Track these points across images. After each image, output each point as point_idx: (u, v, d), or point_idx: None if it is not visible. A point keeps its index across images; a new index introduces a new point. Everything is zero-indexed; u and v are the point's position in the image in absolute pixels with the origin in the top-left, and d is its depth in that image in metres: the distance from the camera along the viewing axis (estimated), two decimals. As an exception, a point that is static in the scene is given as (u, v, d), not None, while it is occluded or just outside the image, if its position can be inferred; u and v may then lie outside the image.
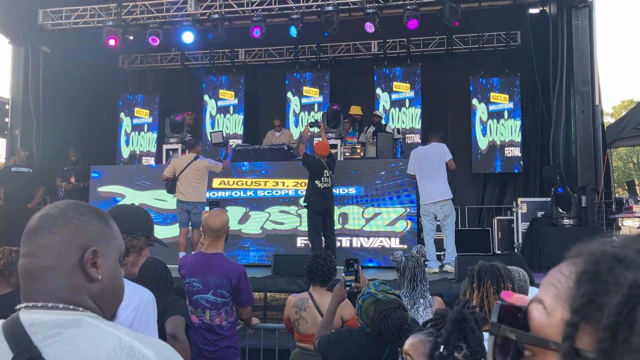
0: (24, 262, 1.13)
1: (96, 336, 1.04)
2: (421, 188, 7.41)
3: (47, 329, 1.03)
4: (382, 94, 11.74)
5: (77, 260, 1.12)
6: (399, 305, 2.57)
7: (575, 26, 8.53)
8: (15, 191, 8.63)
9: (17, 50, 10.44)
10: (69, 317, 1.06)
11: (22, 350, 0.99)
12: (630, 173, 30.28)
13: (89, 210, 1.20)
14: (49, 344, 1.00)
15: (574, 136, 8.50)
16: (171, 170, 7.58)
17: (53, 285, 1.10)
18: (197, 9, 10.02)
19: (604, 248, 0.57)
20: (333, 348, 2.76)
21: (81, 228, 1.15)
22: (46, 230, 1.12)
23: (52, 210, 1.16)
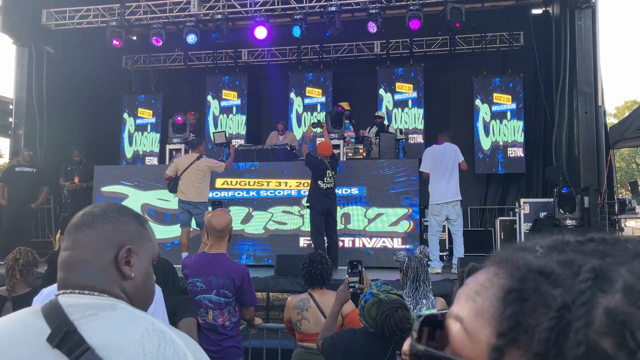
0: (64, 254, 1.21)
1: (130, 319, 1.11)
2: (435, 187, 7.38)
3: (84, 309, 1.10)
4: (384, 95, 11.74)
5: (112, 257, 1.20)
6: (401, 305, 2.59)
7: (578, 27, 8.53)
8: (19, 191, 8.65)
9: (20, 51, 10.48)
10: (105, 301, 1.14)
11: (59, 325, 1.06)
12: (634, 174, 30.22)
13: (127, 212, 1.29)
14: (85, 322, 1.07)
15: (577, 137, 8.50)
16: (173, 170, 7.58)
17: (89, 277, 1.18)
18: (200, 10, 10.05)
19: (529, 260, 0.51)
20: (336, 348, 2.78)
21: (118, 227, 1.23)
22: (86, 226, 1.21)
23: (95, 209, 1.26)
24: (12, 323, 1.12)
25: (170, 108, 11.72)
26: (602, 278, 0.46)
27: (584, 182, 8.16)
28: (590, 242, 0.52)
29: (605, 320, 0.44)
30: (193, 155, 7.68)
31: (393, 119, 11.59)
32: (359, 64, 12.41)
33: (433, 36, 11.65)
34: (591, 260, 0.49)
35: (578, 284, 0.46)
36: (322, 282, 3.75)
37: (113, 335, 1.05)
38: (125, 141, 12.64)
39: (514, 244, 0.57)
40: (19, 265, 3.63)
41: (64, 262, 1.21)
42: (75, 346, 1.03)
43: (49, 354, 1.03)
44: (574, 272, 0.48)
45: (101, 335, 1.05)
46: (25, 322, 1.10)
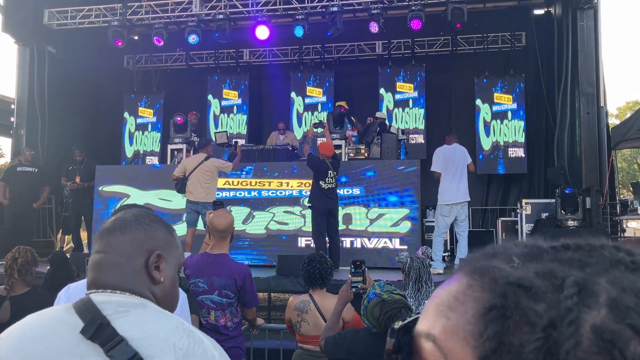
0: (96, 257, 1.26)
1: (161, 317, 1.17)
2: (446, 188, 7.36)
3: (117, 306, 1.15)
4: (385, 95, 11.73)
5: (143, 262, 1.25)
6: (404, 305, 2.59)
7: (580, 27, 8.52)
8: (20, 191, 8.65)
9: (22, 50, 10.49)
10: (136, 300, 1.20)
11: (93, 318, 1.10)
12: (635, 174, 30.17)
13: (157, 219, 1.34)
14: (118, 317, 1.12)
15: (579, 137, 8.49)
16: (181, 170, 7.60)
17: (121, 278, 1.22)
18: (202, 9, 10.05)
19: (506, 272, 0.47)
20: (339, 348, 2.78)
21: (150, 233, 1.28)
22: (119, 231, 1.26)
23: (127, 214, 1.30)
24: (45, 318, 1.17)
25: (171, 108, 11.71)
26: (585, 292, 0.44)
27: (585, 182, 8.16)
28: (566, 249, 0.49)
29: (594, 339, 0.41)
30: (201, 156, 7.68)
31: (394, 119, 11.58)
32: (361, 64, 12.40)
33: (435, 36, 11.65)
34: (571, 271, 0.46)
35: (564, 300, 0.43)
36: (321, 282, 3.75)
37: (145, 330, 1.10)
38: (125, 141, 12.64)
39: (484, 250, 0.53)
40: (17, 265, 3.63)
41: (95, 264, 1.25)
42: (109, 337, 1.07)
43: (82, 345, 1.07)
44: (555, 285, 0.45)
45: (133, 330, 1.09)
46: (58, 318, 1.15)
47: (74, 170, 9.14)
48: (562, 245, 0.50)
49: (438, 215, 7.47)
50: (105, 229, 1.28)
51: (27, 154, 9.01)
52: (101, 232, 1.28)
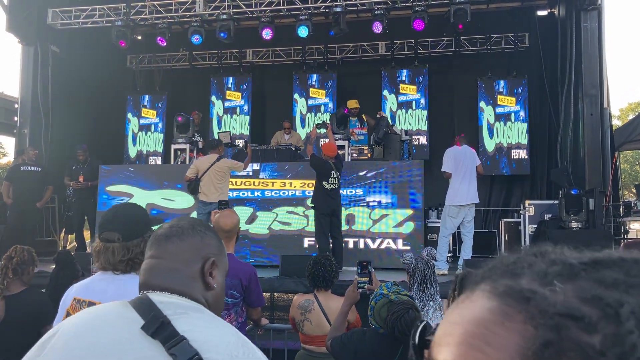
0: (152, 262, 1.30)
1: (217, 323, 1.21)
2: (457, 189, 7.33)
3: (175, 308, 1.18)
4: (388, 96, 11.74)
5: (199, 268, 1.29)
6: (412, 306, 2.59)
7: (584, 29, 8.51)
8: (24, 190, 8.65)
9: (26, 50, 10.49)
10: (192, 304, 1.23)
11: (155, 316, 1.13)
12: (637, 176, 30.16)
13: (209, 228, 1.41)
14: (177, 318, 1.14)
15: (582, 139, 8.48)
16: (194, 171, 7.61)
17: (179, 283, 1.26)
18: (205, 10, 10.05)
19: (551, 300, 0.42)
20: (346, 348, 2.78)
21: (205, 241, 1.33)
22: (177, 237, 1.30)
23: (182, 222, 1.35)
24: (104, 312, 1.21)
25: (174, 108, 11.73)
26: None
27: (589, 184, 8.14)
28: (600, 266, 0.45)
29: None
30: (213, 157, 7.69)
31: (397, 120, 11.59)
32: (364, 65, 12.41)
33: (438, 37, 11.65)
34: (620, 296, 0.41)
35: (627, 334, 0.39)
36: (325, 284, 3.75)
37: (204, 333, 1.13)
38: (129, 141, 12.66)
39: (500, 261, 0.49)
40: (12, 264, 3.62)
41: (151, 268, 1.29)
42: (171, 336, 1.10)
43: (143, 341, 1.10)
44: (607, 314, 0.40)
45: (193, 332, 1.12)
46: (117, 312, 1.18)
47: (77, 170, 9.15)
48: (593, 260, 0.46)
49: (446, 216, 7.41)
50: (162, 235, 1.32)
51: (31, 154, 9.01)
52: (157, 238, 1.32)
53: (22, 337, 3.45)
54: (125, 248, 1.99)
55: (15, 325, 3.26)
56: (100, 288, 2.00)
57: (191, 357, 1.06)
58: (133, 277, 2.00)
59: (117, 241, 2.00)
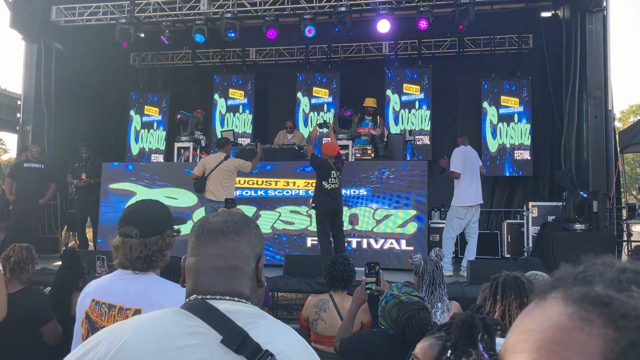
0: (218, 261, 1.22)
1: (284, 329, 1.19)
2: (466, 189, 7.28)
3: (244, 317, 1.14)
4: (392, 95, 11.73)
5: (255, 266, 1.26)
6: (423, 307, 2.58)
7: (589, 30, 8.50)
8: (27, 187, 8.64)
9: (30, 47, 10.48)
10: (255, 310, 1.20)
11: (234, 330, 1.09)
12: (638, 178, 30.16)
13: (257, 224, 1.35)
14: (251, 329, 1.11)
15: (586, 140, 8.47)
16: (201, 169, 7.58)
17: (239, 284, 1.21)
18: (209, 8, 10.04)
19: (631, 304, 0.43)
20: (355, 350, 2.76)
21: (257, 237, 1.30)
22: (235, 234, 1.24)
23: (234, 217, 1.29)
24: (165, 323, 1.12)
25: (177, 106, 11.71)
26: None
27: (592, 186, 8.13)
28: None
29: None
30: (220, 155, 7.67)
31: (400, 120, 11.59)
32: (367, 65, 12.39)
33: (442, 38, 11.64)
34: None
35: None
36: (343, 284, 3.75)
37: (281, 344, 1.10)
38: (131, 138, 12.65)
39: (565, 271, 0.50)
40: (9, 264, 3.60)
41: (221, 268, 1.22)
42: (256, 351, 1.05)
43: (226, 357, 1.06)
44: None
45: (272, 344, 1.08)
46: (183, 323, 1.11)
47: (80, 167, 9.14)
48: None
49: (453, 217, 7.34)
50: (218, 231, 1.23)
51: (34, 151, 9.00)
52: (210, 233, 1.24)
53: (19, 337, 3.42)
54: (143, 244, 1.94)
55: (12, 325, 3.23)
56: (120, 289, 1.93)
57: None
58: (153, 278, 1.97)
59: (135, 236, 1.95)
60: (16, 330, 3.33)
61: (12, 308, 3.22)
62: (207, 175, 7.53)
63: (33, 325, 3.54)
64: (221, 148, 7.79)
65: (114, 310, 1.87)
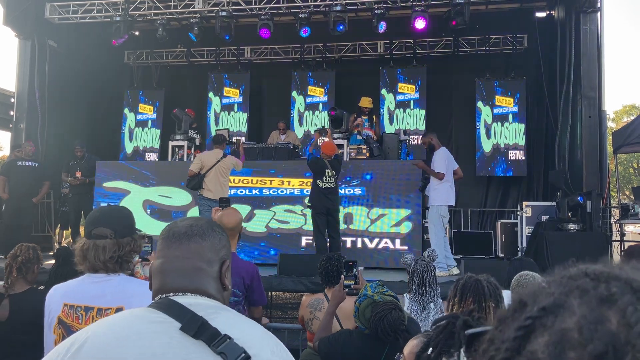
0: (182, 262, 1.27)
1: (246, 320, 1.22)
2: (448, 189, 7.33)
3: (205, 308, 1.17)
4: (387, 95, 11.74)
5: (218, 269, 1.29)
6: (395, 307, 2.60)
7: (583, 31, 8.53)
8: (20, 185, 8.59)
9: (23, 44, 10.43)
10: (218, 304, 1.23)
11: (193, 317, 1.12)
12: (631, 178, 30.33)
13: (223, 229, 1.38)
14: (213, 318, 1.14)
15: (580, 141, 8.50)
16: (198, 166, 7.40)
17: (204, 283, 1.25)
18: (204, 6, 10.01)
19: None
20: (333, 349, 2.79)
21: (222, 242, 1.32)
22: (199, 237, 1.28)
23: (199, 221, 1.33)
24: (132, 318, 1.18)
25: (171, 104, 11.69)
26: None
27: (586, 186, 8.16)
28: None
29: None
30: (219, 152, 7.55)
31: (395, 119, 11.60)
32: (362, 64, 12.39)
33: (437, 37, 11.66)
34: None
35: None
36: (337, 281, 3.75)
37: (241, 331, 1.13)
38: (125, 136, 12.61)
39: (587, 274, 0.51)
40: (16, 263, 3.59)
41: (185, 269, 1.26)
42: (214, 335, 1.09)
43: (186, 343, 1.09)
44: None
45: (231, 330, 1.11)
46: (147, 317, 1.16)
47: (74, 166, 9.11)
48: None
49: (439, 216, 7.30)
50: (182, 234, 1.28)
51: (28, 149, 8.96)
52: (176, 236, 1.28)
53: (27, 336, 3.41)
54: (117, 244, 1.97)
55: (20, 325, 3.23)
56: (95, 292, 1.93)
57: (239, 355, 1.06)
58: (127, 279, 2.00)
59: (110, 237, 1.97)
60: (22, 330, 3.32)
61: (18, 308, 3.21)
62: (204, 173, 7.40)
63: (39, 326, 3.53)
64: (218, 145, 7.66)
65: (91, 312, 1.88)
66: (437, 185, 7.33)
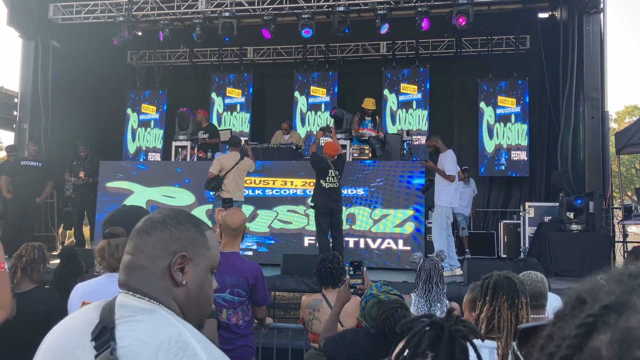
0: (125, 258, 1.25)
1: (161, 325, 1.11)
2: (454, 192, 7.35)
3: (127, 310, 1.14)
4: (389, 95, 11.75)
5: (167, 264, 1.20)
6: (401, 305, 2.60)
7: (586, 32, 8.54)
8: (24, 185, 8.62)
9: (27, 44, 10.45)
10: (147, 305, 1.16)
11: (103, 320, 1.12)
12: (633, 179, 30.27)
13: (187, 219, 1.27)
14: (122, 322, 1.11)
15: (582, 142, 8.50)
16: (218, 168, 7.49)
17: (144, 282, 1.19)
18: (207, 7, 10.03)
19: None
20: (339, 349, 2.79)
21: (175, 235, 1.22)
22: (145, 232, 1.23)
23: (156, 215, 1.27)
24: (77, 314, 1.20)
25: (174, 104, 11.72)
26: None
27: (589, 187, 8.16)
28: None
29: None
30: (236, 155, 7.65)
31: (397, 119, 11.61)
32: (365, 64, 12.41)
33: (439, 38, 11.66)
34: None
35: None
36: (333, 281, 3.76)
37: (138, 338, 1.07)
38: (128, 137, 12.63)
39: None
40: (21, 263, 3.61)
41: (124, 266, 1.23)
42: (105, 342, 1.07)
43: (87, 345, 1.09)
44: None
45: (128, 337, 1.07)
46: (85, 314, 1.17)
47: (78, 166, 9.12)
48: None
49: (444, 217, 7.29)
50: (135, 230, 1.25)
51: (32, 149, 8.98)
52: (132, 232, 1.25)
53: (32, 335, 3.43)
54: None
55: (26, 324, 3.24)
56: (112, 290, 1.95)
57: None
58: None
59: (122, 235, 1.99)
60: (28, 329, 3.34)
61: (24, 307, 3.23)
62: (224, 175, 7.47)
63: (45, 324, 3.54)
64: (235, 147, 7.77)
65: None
66: (445, 186, 7.34)
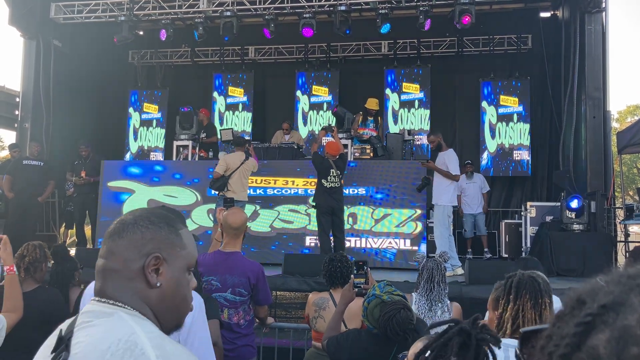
0: (99, 262, 1.20)
1: (114, 328, 1.08)
2: (453, 191, 7.34)
3: (86, 317, 1.11)
4: (391, 95, 11.74)
5: (140, 266, 1.16)
6: (404, 306, 2.60)
7: (588, 31, 8.52)
8: (26, 184, 8.63)
9: (28, 44, 10.45)
10: (107, 309, 1.13)
11: (62, 328, 1.12)
12: (635, 179, 30.22)
13: (160, 219, 1.23)
14: (80, 329, 1.09)
15: (584, 141, 8.49)
16: (224, 168, 7.46)
17: (114, 286, 1.16)
18: (209, 6, 10.02)
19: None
20: (341, 348, 2.79)
21: (147, 236, 1.18)
22: (117, 235, 1.19)
23: (128, 216, 1.23)
24: (67, 321, 1.18)
25: (175, 104, 11.71)
26: None
27: (590, 187, 8.15)
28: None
29: None
30: (241, 155, 7.63)
31: (399, 119, 11.61)
32: (366, 64, 12.40)
33: (441, 37, 11.65)
34: None
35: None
36: (342, 282, 3.76)
37: (87, 343, 1.05)
38: (130, 136, 12.64)
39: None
40: (24, 264, 3.62)
41: (97, 270, 1.20)
42: (59, 352, 1.06)
43: (48, 353, 1.10)
44: None
45: (81, 344, 1.05)
46: (57, 330, 1.15)
47: (79, 165, 9.13)
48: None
49: (446, 216, 7.25)
50: (108, 233, 1.21)
51: (34, 148, 8.99)
52: (105, 235, 1.22)
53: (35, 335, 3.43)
54: None
55: (29, 322, 3.25)
56: None
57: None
58: None
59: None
60: (31, 328, 3.34)
61: (27, 307, 3.24)
62: (229, 175, 7.45)
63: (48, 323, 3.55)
64: (240, 147, 7.75)
65: None
66: (447, 185, 7.28)
